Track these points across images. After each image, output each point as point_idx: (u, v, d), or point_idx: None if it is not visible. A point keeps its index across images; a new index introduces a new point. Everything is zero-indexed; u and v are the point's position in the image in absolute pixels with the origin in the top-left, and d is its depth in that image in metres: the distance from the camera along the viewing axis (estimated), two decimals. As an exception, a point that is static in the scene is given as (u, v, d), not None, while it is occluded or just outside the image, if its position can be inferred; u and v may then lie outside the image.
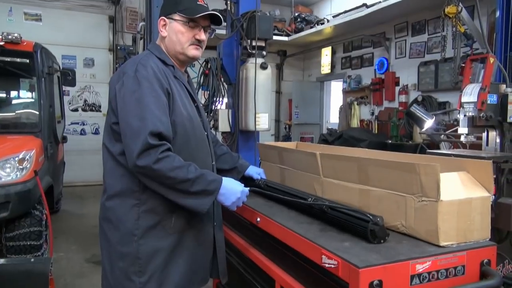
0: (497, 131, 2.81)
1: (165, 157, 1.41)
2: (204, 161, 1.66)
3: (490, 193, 1.36)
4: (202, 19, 1.61)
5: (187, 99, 1.64)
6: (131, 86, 1.47)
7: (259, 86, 3.10)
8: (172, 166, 1.41)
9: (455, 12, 4.81)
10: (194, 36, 1.61)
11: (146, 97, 1.44)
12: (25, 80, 4.59)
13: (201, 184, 1.45)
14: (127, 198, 1.52)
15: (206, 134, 1.72)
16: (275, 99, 9.85)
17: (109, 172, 1.57)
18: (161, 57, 1.62)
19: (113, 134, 1.53)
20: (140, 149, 1.38)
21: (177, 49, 1.62)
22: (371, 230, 1.28)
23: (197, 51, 1.64)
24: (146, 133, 1.39)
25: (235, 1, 3.31)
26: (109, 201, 1.56)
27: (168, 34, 1.63)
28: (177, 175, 1.42)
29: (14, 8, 7.40)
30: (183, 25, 1.59)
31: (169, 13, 1.62)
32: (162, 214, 1.52)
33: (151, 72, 1.49)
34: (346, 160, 1.65)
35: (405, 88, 6.78)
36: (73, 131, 7.86)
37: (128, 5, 8.13)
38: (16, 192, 3.50)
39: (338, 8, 7.73)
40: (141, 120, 1.41)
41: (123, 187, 1.52)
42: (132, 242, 1.50)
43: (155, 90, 1.47)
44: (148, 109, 1.43)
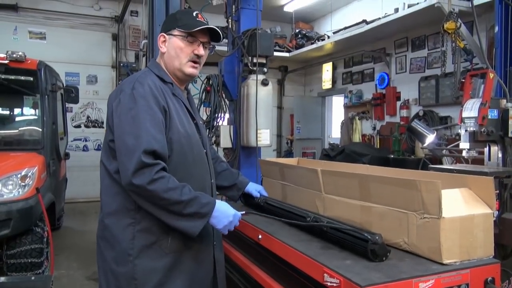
0: (498, 146, 2.80)
1: (160, 177, 1.40)
2: (202, 178, 1.66)
3: (492, 210, 1.36)
4: (201, 35, 1.63)
5: (186, 116, 1.64)
6: (127, 104, 1.48)
7: (260, 102, 3.12)
8: (167, 187, 1.41)
9: (454, 28, 4.86)
10: (193, 51, 1.62)
11: (141, 115, 1.45)
12: (28, 98, 4.64)
13: (194, 206, 1.45)
14: (122, 216, 1.51)
15: (205, 152, 1.72)
16: (276, 114, 9.88)
17: (105, 190, 1.57)
18: (160, 75, 1.63)
19: (110, 151, 1.53)
20: (134, 168, 1.38)
21: (175, 65, 1.63)
22: (372, 250, 1.27)
23: (194, 69, 1.65)
24: (141, 151, 1.39)
25: (236, 19, 3.36)
26: (105, 220, 1.56)
27: (167, 50, 1.64)
28: (171, 196, 1.41)
29: (19, 27, 7.52)
30: (182, 40, 1.61)
31: (168, 29, 1.64)
32: (158, 234, 1.51)
33: (148, 90, 1.50)
34: (347, 176, 1.65)
35: (406, 102, 6.80)
36: (75, 147, 7.89)
37: (131, 23, 8.25)
38: (18, 209, 3.50)
39: (338, 24, 7.82)
40: (136, 138, 1.42)
41: (118, 205, 1.52)
42: (127, 262, 1.49)
43: (151, 108, 1.48)
44: (143, 127, 1.43)
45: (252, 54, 3.13)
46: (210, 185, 1.71)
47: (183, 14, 1.70)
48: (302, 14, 8.68)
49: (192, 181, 1.58)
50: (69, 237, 5.46)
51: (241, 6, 3.28)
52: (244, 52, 3.18)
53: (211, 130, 3.43)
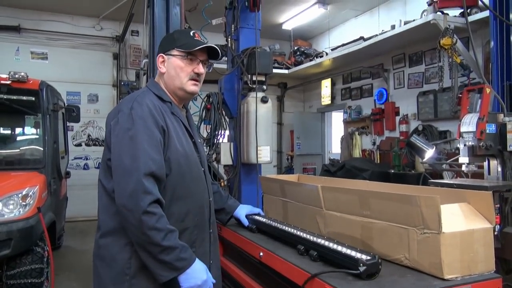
0: (498, 160, 2.81)
1: (151, 213, 1.40)
2: (201, 196, 1.66)
3: (492, 224, 1.36)
4: (200, 53, 1.66)
5: (184, 135, 1.66)
6: (125, 124, 1.49)
7: (260, 120, 3.15)
8: (153, 226, 1.39)
9: (450, 43, 4.93)
10: (193, 70, 1.65)
11: (139, 136, 1.46)
12: (30, 117, 4.68)
13: (170, 255, 1.42)
14: (120, 236, 1.51)
15: (203, 170, 1.72)
16: (276, 130, 9.93)
17: (103, 209, 1.57)
18: (159, 94, 1.65)
19: (108, 170, 1.54)
20: (131, 190, 1.39)
21: (176, 84, 1.66)
22: (364, 271, 1.26)
23: (196, 87, 1.68)
24: (138, 174, 1.40)
25: (235, 38, 3.41)
26: (102, 239, 1.55)
27: (167, 70, 1.66)
28: (153, 236, 1.39)
29: (21, 48, 7.64)
30: (181, 60, 1.64)
31: (167, 50, 1.66)
32: None
33: (146, 110, 1.52)
34: (348, 192, 1.66)
35: (405, 117, 6.84)
36: (76, 165, 7.90)
37: (132, 42, 8.37)
38: (19, 229, 3.50)
39: (336, 41, 7.93)
40: (133, 159, 1.43)
41: (116, 224, 1.52)
42: (124, 281, 1.48)
43: (149, 128, 1.49)
44: (141, 148, 1.44)
45: (252, 72, 3.17)
46: (208, 203, 1.72)
47: (180, 34, 1.74)
48: (300, 31, 8.82)
49: (191, 200, 1.58)
50: (69, 256, 5.42)
51: (240, 25, 3.33)
52: (244, 70, 3.22)
53: (211, 147, 3.45)
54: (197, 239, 1.62)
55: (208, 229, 1.69)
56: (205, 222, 1.67)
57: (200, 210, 1.65)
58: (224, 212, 2.06)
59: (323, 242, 1.50)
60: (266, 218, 2.06)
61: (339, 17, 8.07)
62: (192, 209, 1.60)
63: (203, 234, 1.66)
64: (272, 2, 7.17)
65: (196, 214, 1.62)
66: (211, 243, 1.69)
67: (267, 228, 1.92)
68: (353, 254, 1.33)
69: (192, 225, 1.61)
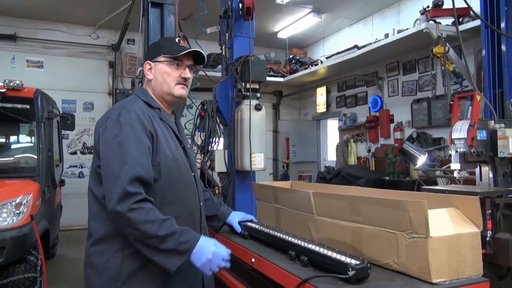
0: (489, 166, 2.84)
1: (138, 208, 1.40)
2: (191, 201, 1.67)
3: (479, 229, 1.38)
4: (186, 58, 1.69)
5: (173, 140, 1.67)
6: (113, 131, 1.51)
7: (254, 127, 3.17)
8: (144, 220, 1.40)
9: (442, 52, 4.99)
10: (180, 75, 1.67)
11: (127, 141, 1.48)
12: (25, 125, 4.68)
13: (170, 242, 1.42)
14: (111, 242, 1.52)
15: (193, 175, 1.74)
16: (272, 138, 9.96)
17: (94, 216, 1.58)
18: (147, 101, 1.68)
19: (98, 177, 1.55)
20: (118, 194, 1.40)
21: (164, 89, 1.68)
22: (353, 276, 1.27)
23: (183, 90, 1.70)
24: (125, 178, 1.41)
25: (229, 46, 3.45)
26: (93, 246, 1.56)
27: (154, 76, 1.69)
28: (147, 229, 1.40)
29: (17, 56, 7.65)
30: (168, 65, 1.66)
31: (153, 57, 1.70)
32: (146, 258, 1.50)
33: (134, 116, 1.54)
34: (338, 198, 1.67)
35: (400, 125, 6.89)
36: (71, 174, 7.88)
37: (128, 51, 8.41)
38: (12, 237, 3.48)
39: (331, 49, 8.00)
40: (121, 164, 1.44)
41: (107, 231, 1.53)
42: (116, 287, 1.49)
43: (136, 134, 1.50)
44: (129, 154, 1.45)
45: (245, 80, 3.20)
46: (198, 208, 1.73)
47: (166, 41, 1.79)
48: (295, 40, 8.90)
49: (181, 205, 1.59)
50: (63, 265, 5.38)
51: (234, 34, 3.37)
52: (238, 78, 3.25)
53: (205, 154, 3.47)
54: None
55: (199, 234, 1.70)
56: (196, 227, 1.68)
57: (190, 215, 1.66)
58: (217, 219, 2.07)
59: (314, 248, 1.51)
60: (259, 224, 2.07)
61: (334, 26, 8.15)
62: (182, 214, 1.61)
63: None
64: (267, 11, 7.24)
65: (186, 219, 1.63)
66: None
67: (259, 235, 1.93)
68: (343, 259, 1.34)
69: None
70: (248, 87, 3.18)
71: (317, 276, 1.35)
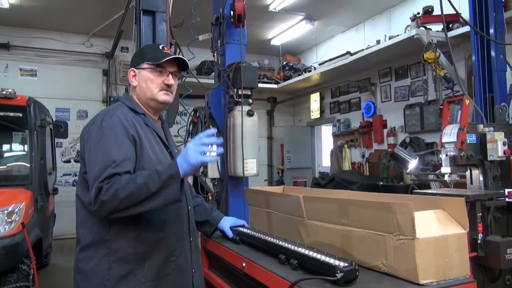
0: (479, 170, 2.87)
1: (109, 185, 1.39)
2: (177, 205, 1.66)
3: (465, 230, 1.39)
4: (169, 65, 1.70)
5: (158, 145, 1.68)
6: (96, 136, 1.52)
7: (246, 133, 3.19)
8: (121, 186, 1.39)
9: (433, 57, 5.06)
10: (163, 81, 1.68)
11: (108, 145, 1.49)
12: (17, 133, 4.67)
13: (156, 181, 1.40)
14: (99, 248, 1.52)
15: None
16: (267, 144, 9.98)
17: (81, 223, 1.59)
18: (132, 107, 1.69)
19: (85, 183, 1.56)
20: (94, 195, 1.41)
21: (148, 95, 1.69)
22: (341, 278, 1.28)
23: (167, 96, 1.71)
24: (102, 179, 1.41)
25: (221, 53, 3.47)
26: (82, 253, 1.56)
27: (138, 83, 1.71)
28: (130, 189, 1.39)
29: (10, 65, 7.64)
30: (151, 72, 1.68)
31: (137, 64, 1.71)
32: (134, 263, 1.51)
33: (117, 121, 1.55)
34: (327, 201, 1.69)
35: (393, 130, 6.94)
36: (65, 182, 7.83)
37: (122, 59, 8.42)
38: (4, 246, 3.46)
39: (324, 56, 8.07)
40: (101, 167, 1.44)
41: (94, 237, 1.53)
42: None
43: (118, 137, 1.52)
44: (108, 157, 1.46)
45: (237, 86, 3.22)
46: (186, 211, 1.73)
47: (149, 48, 1.80)
48: (288, 47, 8.96)
49: (167, 209, 1.60)
50: (56, 274, 5.33)
51: (226, 41, 3.40)
52: (230, 84, 3.27)
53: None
54: (177, 248, 1.63)
55: (188, 237, 1.70)
56: (184, 231, 1.69)
57: (178, 219, 1.66)
58: (209, 224, 2.07)
59: (303, 251, 1.52)
60: (250, 229, 2.07)
61: (326, 33, 8.23)
62: (169, 218, 1.62)
63: (183, 242, 1.67)
64: (260, 18, 7.30)
65: (173, 222, 1.64)
66: (192, 251, 1.70)
67: (250, 239, 1.93)
68: (331, 262, 1.35)
69: (170, 233, 1.62)
70: (240, 93, 3.20)
71: (305, 279, 1.35)
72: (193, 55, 3.46)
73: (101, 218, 1.50)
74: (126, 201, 1.40)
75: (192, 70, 7.05)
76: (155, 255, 1.56)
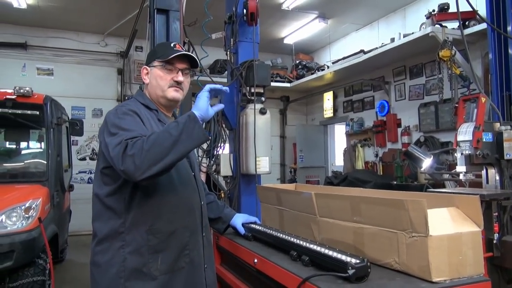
0: (495, 169, 2.82)
1: (134, 142, 1.40)
2: (190, 199, 1.69)
3: (480, 228, 1.37)
4: (179, 62, 1.71)
5: None
6: (112, 120, 1.54)
7: (259, 131, 3.19)
8: (143, 140, 1.40)
9: (449, 55, 4.98)
10: (173, 78, 1.70)
11: (126, 124, 1.51)
12: (35, 131, 4.77)
13: (175, 126, 1.43)
14: (114, 240, 1.55)
15: (193, 174, 1.77)
16: (279, 143, 9.97)
17: (97, 216, 1.62)
18: (145, 103, 1.72)
19: (102, 178, 1.59)
20: (121, 151, 1.40)
21: (158, 93, 1.71)
22: (353, 274, 1.27)
23: (177, 93, 1.72)
24: (126, 138, 1.43)
25: (234, 51, 3.49)
26: (98, 246, 1.59)
27: (150, 80, 1.73)
28: (153, 140, 1.40)
29: (27, 64, 7.80)
30: (161, 69, 1.69)
31: (149, 62, 1.74)
32: (147, 255, 1.53)
33: (130, 109, 1.59)
34: (340, 198, 1.68)
35: (407, 129, 6.86)
36: (80, 179, 7.97)
37: (136, 58, 8.52)
38: (21, 241, 3.53)
39: (337, 54, 8.02)
40: (121, 138, 1.45)
41: (110, 229, 1.56)
42: (119, 285, 1.51)
43: (135, 119, 1.55)
44: (127, 131, 1.47)
45: (250, 84, 3.23)
46: (199, 206, 1.74)
47: (161, 46, 1.84)
48: (301, 45, 8.93)
49: (180, 202, 1.61)
50: (72, 270, 5.42)
51: (239, 39, 3.42)
52: (242, 82, 3.28)
53: (211, 158, 3.49)
54: (190, 242, 1.65)
55: (200, 232, 1.72)
56: (196, 225, 1.70)
57: (190, 213, 1.68)
58: (221, 221, 2.08)
59: (315, 247, 1.52)
60: (262, 226, 2.08)
61: (340, 31, 8.18)
62: (181, 211, 1.63)
63: (196, 237, 1.69)
64: (273, 17, 7.30)
65: (185, 216, 1.65)
66: (204, 246, 1.71)
67: (262, 236, 1.94)
68: (343, 258, 1.35)
69: (182, 226, 1.63)
70: (253, 91, 3.21)
71: (317, 275, 1.35)
72: (206, 53, 3.48)
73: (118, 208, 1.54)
74: (153, 152, 1.38)
75: (206, 69, 7.09)
76: (168, 248, 1.58)
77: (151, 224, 1.56)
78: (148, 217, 1.56)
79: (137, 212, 1.55)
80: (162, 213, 1.58)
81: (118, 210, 1.56)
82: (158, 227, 1.57)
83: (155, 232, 1.56)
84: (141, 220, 1.55)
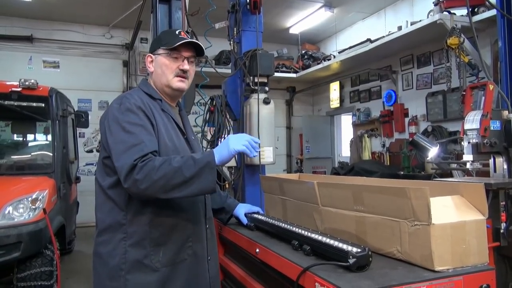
0: (503, 157, 2.77)
1: (144, 163, 1.41)
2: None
3: (484, 216, 1.35)
4: (184, 50, 1.68)
5: (174, 130, 1.68)
6: (116, 118, 1.53)
7: (263, 121, 3.16)
8: (154, 167, 1.40)
9: (457, 43, 4.89)
10: (178, 67, 1.67)
11: (130, 125, 1.50)
12: (41, 124, 4.79)
13: (191, 166, 1.43)
14: (116, 232, 1.54)
15: None
16: (285, 134, 9.93)
17: (100, 207, 1.60)
18: (149, 92, 1.69)
19: (105, 168, 1.58)
20: (127, 171, 1.41)
21: (163, 81, 1.68)
22: (353, 263, 1.26)
23: (182, 83, 1.69)
24: (132, 158, 1.42)
25: (237, 41, 3.45)
26: (100, 237, 1.58)
27: (154, 68, 1.70)
28: (164, 171, 1.40)
29: (34, 57, 7.84)
30: (166, 57, 1.66)
31: (154, 50, 1.71)
32: (149, 248, 1.52)
33: (134, 104, 1.56)
34: (342, 188, 1.66)
35: (415, 119, 6.79)
36: (87, 171, 8.02)
37: (141, 49, 8.50)
38: (28, 232, 3.57)
39: (344, 44, 7.93)
40: (127, 146, 1.46)
41: (112, 221, 1.55)
42: (120, 277, 1.51)
43: (140, 118, 1.53)
44: (133, 135, 1.47)
45: (253, 74, 3.19)
46: (203, 199, 1.72)
47: (165, 33, 1.79)
48: (307, 35, 8.84)
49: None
50: (80, 261, 5.48)
51: (242, 28, 3.37)
52: (246, 72, 3.25)
53: (215, 149, 3.48)
54: (193, 234, 1.64)
55: (204, 224, 1.70)
56: (200, 218, 1.69)
57: (193, 205, 1.66)
58: (224, 212, 2.07)
59: (316, 237, 1.50)
60: (264, 216, 2.07)
61: (346, 20, 8.07)
62: (184, 203, 1.62)
63: (199, 229, 1.68)
64: (279, 6, 7.22)
65: (189, 208, 1.64)
66: (208, 238, 1.70)
67: (264, 225, 1.93)
68: (344, 247, 1.33)
69: (185, 219, 1.62)
70: (256, 81, 3.17)
71: (318, 264, 1.34)
72: (209, 43, 3.44)
73: (120, 200, 1.53)
74: (159, 184, 1.40)
75: (210, 59, 7.06)
76: (170, 241, 1.57)
77: (153, 217, 1.55)
78: (150, 210, 1.55)
79: (139, 205, 1.54)
80: (164, 206, 1.56)
81: (120, 203, 1.55)
82: (160, 220, 1.56)
83: (157, 225, 1.56)
84: (143, 213, 1.54)
